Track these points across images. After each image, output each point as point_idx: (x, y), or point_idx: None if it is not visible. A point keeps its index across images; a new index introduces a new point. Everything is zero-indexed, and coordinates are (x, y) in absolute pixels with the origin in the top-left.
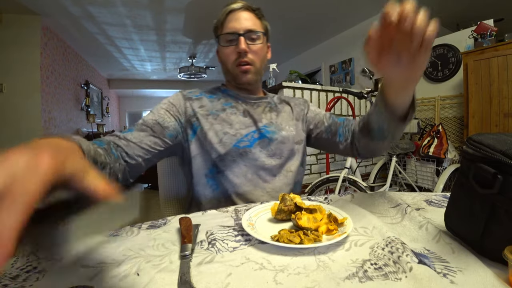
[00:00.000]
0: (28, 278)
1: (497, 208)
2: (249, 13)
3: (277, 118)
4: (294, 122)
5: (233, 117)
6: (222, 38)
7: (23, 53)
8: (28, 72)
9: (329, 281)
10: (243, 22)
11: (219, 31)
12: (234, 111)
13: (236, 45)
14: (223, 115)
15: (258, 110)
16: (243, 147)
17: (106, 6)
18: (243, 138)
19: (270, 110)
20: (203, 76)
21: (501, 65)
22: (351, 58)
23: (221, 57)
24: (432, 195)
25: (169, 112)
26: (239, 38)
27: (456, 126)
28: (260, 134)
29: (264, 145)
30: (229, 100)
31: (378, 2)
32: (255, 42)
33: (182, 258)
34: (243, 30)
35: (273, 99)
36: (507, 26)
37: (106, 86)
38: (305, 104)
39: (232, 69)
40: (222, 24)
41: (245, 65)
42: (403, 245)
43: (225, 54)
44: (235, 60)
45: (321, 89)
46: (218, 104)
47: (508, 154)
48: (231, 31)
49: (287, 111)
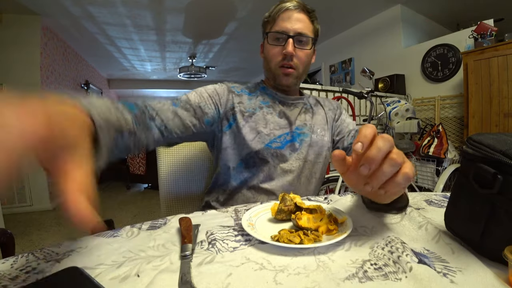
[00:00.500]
0: (27, 279)
1: (497, 208)
2: (303, 15)
3: (311, 120)
4: (327, 127)
5: (269, 116)
6: (271, 36)
7: (23, 53)
8: (28, 72)
9: (329, 281)
10: (295, 23)
11: (268, 27)
12: (270, 111)
13: (283, 46)
14: (259, 113)
15: (294, 111)
16: (275, 147)
17: (106, 6)
18: (276, 139)
19: (306, 111)
20: (203, 76)
21: (501, 65)
22: (351, 58)
23: (265, 54)
24: (432, 195)
25: (212, 99)
26: (288, 40)
27: (456, 126)
28: (292, 137)
29: (294, 148)
30: (267, 99)
31: (378, 2)
32: (303, 47)
33: (183, 258)
34: (294, 32)
35: (309, 100)
36: (507, 26)
37: (106, 86)
38: (337, 111)
39: (275, 69)
40: (274, 20)
41: (288, 68)
42: (403, 244)
43: (271, 52)
44: (280, 61)
45: (321, 89)
46: (256, 102)
47: (508, 154)
48: (281, 30)
49: (322, 114)
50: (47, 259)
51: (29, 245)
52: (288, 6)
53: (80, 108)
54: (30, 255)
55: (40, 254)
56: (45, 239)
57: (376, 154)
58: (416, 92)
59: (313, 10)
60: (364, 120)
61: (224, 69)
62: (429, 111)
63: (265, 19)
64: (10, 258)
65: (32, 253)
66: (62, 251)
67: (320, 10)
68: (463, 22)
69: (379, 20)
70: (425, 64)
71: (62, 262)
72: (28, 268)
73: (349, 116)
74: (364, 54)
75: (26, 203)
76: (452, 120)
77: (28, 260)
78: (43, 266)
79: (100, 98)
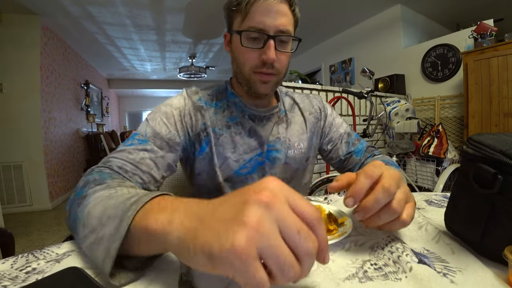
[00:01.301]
0: (27, 279)
1: (497, 208)
2: (284, 4)
3: (286, 132)
4: (306, 136)
5: (238, 138)
6: (245, 35)
7: (23, 53)
8: (28, 72)
9: (329, 281)
10: (276, 17)
11: (237, 19)
12: (239, 130)
13: (261, 49)
14: (227, 135)
15: (266, 127)
16: (244, 173)
17: (106, 6)
18: (246, 164)
19: (279, 121)
20: (203, 76)
21: (501, 65)
22: (351, 58)
23: (235, 55)
24: (432, 195)
25: (180, 125)
26: (268, 42)
27: (456, 126)
28: (265, 157)
29: (266, 170)
30: (235, 112)
31: (378, 2)
32: (285, 49)
33: None
34: (275, 31)
35: (284, 103)
36: (507, 26)
37: (106, 86)
38: (320, 114)
39: (249, 75)
40: (245, 11)
41: (267, 75)
42: (402, 244)
43: (245, 56)
44: (257, 66)
45: (321, 89)
46: (223, 118)
47: (508, 154)
48: (258, 28)
49: (299, 121)
50: (47, 259)
51: (29, 245)
52: None
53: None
54: (30, 255)
55: (40, 254)
56: (45, 239)
57: (373, 205)
58: (416, 92)
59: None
60: (364, 120)
61: (224, 69)
62: (429, 111)
63: (233, 7)
64: (10, 258)
65: (32, 253)
66: (62, 251)
67: (320, 10)
68: (463, 22)
69: (379, 20)
70: (425, 64)
71: (62, 262)
72: (28, 268)
73: (336, 114)
74: (364, 54)
75: (26, 203)
76: (452, 120)
77: (28, 260)
78: (43, 266)
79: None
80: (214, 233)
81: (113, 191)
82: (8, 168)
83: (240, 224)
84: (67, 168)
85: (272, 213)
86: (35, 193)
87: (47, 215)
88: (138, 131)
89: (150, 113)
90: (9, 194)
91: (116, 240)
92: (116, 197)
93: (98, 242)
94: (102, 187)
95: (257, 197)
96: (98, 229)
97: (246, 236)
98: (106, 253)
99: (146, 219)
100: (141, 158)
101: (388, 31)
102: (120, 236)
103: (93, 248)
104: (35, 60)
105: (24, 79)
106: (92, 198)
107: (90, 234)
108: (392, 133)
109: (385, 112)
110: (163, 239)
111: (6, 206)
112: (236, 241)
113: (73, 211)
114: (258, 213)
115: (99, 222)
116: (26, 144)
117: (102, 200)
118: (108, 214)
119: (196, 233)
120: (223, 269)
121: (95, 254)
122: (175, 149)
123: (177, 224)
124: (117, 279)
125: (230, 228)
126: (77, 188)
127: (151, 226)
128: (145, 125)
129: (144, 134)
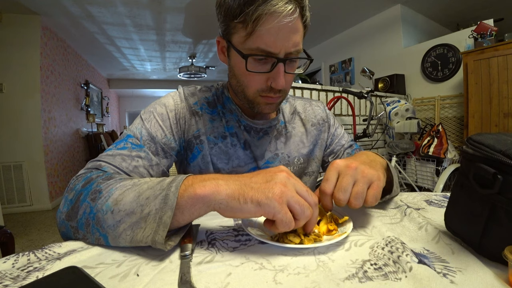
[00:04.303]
0: (28, 278)
1: (497, 208)
2: (296, 15)
3: (285, 147)
4: (307, 149)
5: (232, 151)
6: (250, 58)
7: (23, 52)
8: (28, 72)
9: (329, 281)
10: (287, 36)
11: (239, 33)
12: (234, 142)
13: (268, 73)
14: (221, 145)
15: (263, 141)
16: None
17: (106, 6)
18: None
19: (278, 135)
20: (203, 76)
21: (501, 65)
22: (351, 58)
23: (236, 74)
24: (432, 195)
25: (175, 128)
26: (278, 67)
27: (456, 126)
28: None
29: None
30: (231, 122)
31: (378, 2)
32: (293, 68)
33: (182, 258)
34: (285, 53)
35: (284, 114)
36: (507, 26)
37: (106, 85)
38: (323, 126)
39: (254, 97)
40: (252, 25)
41: (273, 97)
42: (402, 244)
43: (248, 78)
44: (262, 90)
45: (321, 89)
46: (219, 126)
47: (508, 154)
48: (267, 52)
49: (299, 133)
50: (48, 259)
51: (29, 244)
52: (278, 10)
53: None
54: (31, 254)
55: (41, 254)
56: (45, 239)
57: (343, 196)
58: (416, 92)
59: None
60: (364, 120)
61: (224, 69)
62: (429, 111)
63: (234, 18)
64: (11, 257)
65: (33, 252)
66: (63, 250)
67: (320, 10)
68: (463, 22)
69: (379, 20)
70: (425, 64)
71: (63, 261)
72: (29, 268)
73: (338, 124)
74: (364, 54)
75: (26, 203)
76: (452, 120)
77: (29, 259)
78: (44, 265)
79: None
80: (258, 190)
81: (135, 180)
82: (8, 168)
83: (275, 184)
84: (67, 168)
85: (291, 180)
86: (35, 193)
87: (47, 215)
88: (132, 133)
89: (145, 112)
90: (9, 194)
91: (167, 211)
92: (142, 183)
93: (142, 220)
94: (117, 180)
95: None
96: (138, 210)
97: (280, 190)
98: (157, 225)
99: (192, 189)
100: (134, 167)
101: (388, 31)
102: (170, 207)
103: (135, 227)
104: (35, 60)
105: (24, 79)
106: (113, 189)
107: (127, 218)
108: (392, 133)
109: (385, 112)
110: (212, 199)
111: (6, 206)
112: (275, 193)
113: (82, 208)
114: (284, 179)
115: (138, 204)
116: (26, 144)
117: (131, 187)
118: (145, 196)
119: (243, 190)
120: (267, 211)
121: (138, 232)
122: (170, 154)
123: (224, 186)
124: (164, 245)
125: (269, 186)
126: (75, 188)
127: (199, 191)
128: (140, 126)
129: (140, 137)
